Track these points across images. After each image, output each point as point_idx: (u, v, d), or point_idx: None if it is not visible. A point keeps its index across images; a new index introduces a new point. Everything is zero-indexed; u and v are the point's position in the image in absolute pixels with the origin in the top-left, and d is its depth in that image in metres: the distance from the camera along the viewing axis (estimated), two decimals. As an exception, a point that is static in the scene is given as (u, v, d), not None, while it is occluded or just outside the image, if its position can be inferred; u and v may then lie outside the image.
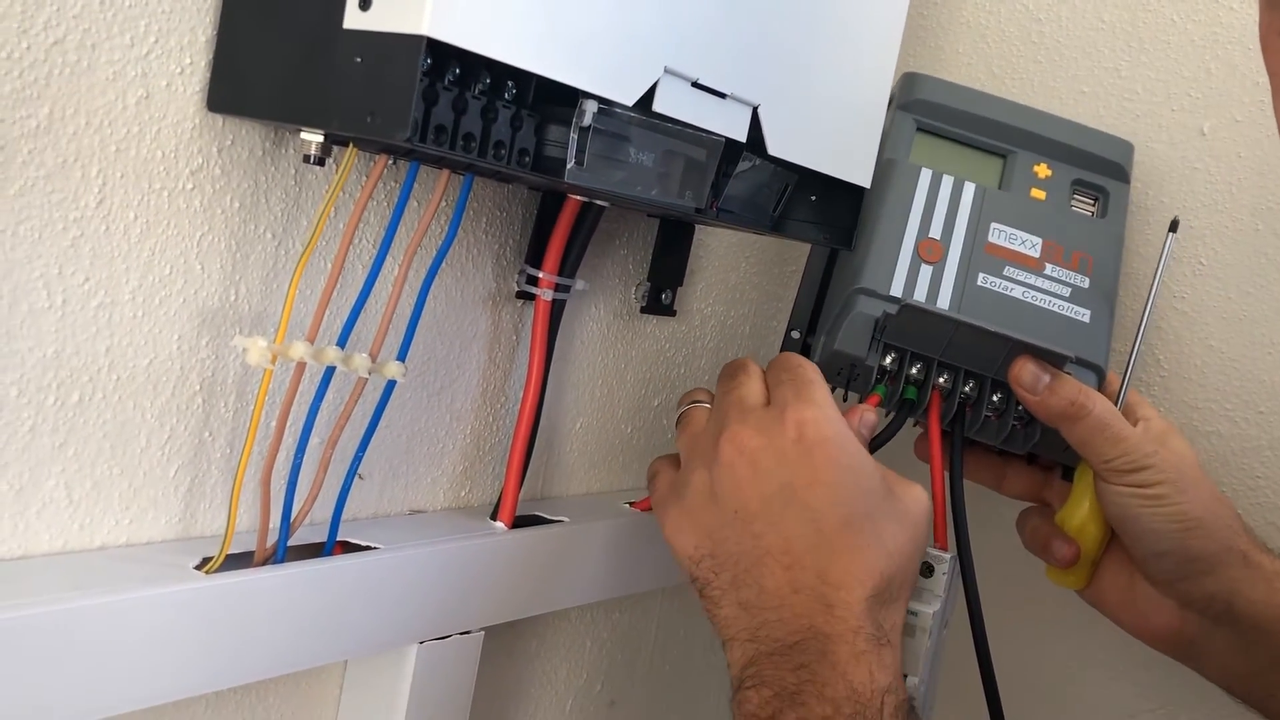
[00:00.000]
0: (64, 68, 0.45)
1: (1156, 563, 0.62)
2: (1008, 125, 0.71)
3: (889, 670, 0.50)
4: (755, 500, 0.54)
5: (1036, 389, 0.60)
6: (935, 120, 0.71)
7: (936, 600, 0.60)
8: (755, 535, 0.53)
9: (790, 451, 0.54)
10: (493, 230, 0.64)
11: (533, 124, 0.50)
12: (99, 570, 0.49)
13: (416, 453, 0.64)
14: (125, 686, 0.47)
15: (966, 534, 0.63)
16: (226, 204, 0.51)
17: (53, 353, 0.47)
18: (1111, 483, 0.61)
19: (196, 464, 0.53)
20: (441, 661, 0.61)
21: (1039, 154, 0.71)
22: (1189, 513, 0.60)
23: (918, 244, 0.66)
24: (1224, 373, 0.75)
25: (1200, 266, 0.76)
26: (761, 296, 0.86)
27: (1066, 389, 0.60)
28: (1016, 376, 0.61)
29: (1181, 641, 0.64)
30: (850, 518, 0.53)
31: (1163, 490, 0.60)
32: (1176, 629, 0.64)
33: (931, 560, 0.60)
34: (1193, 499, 0.60)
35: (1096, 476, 0.62)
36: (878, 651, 0.50)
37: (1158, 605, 0.64)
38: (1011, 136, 0.71)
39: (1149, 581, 0.64)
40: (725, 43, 0.55)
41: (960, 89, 0.72)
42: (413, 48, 0.42)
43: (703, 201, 0.58)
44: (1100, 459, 0.60)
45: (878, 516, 0.54)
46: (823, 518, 0.53)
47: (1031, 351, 0.61)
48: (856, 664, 0.49)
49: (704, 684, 0.91)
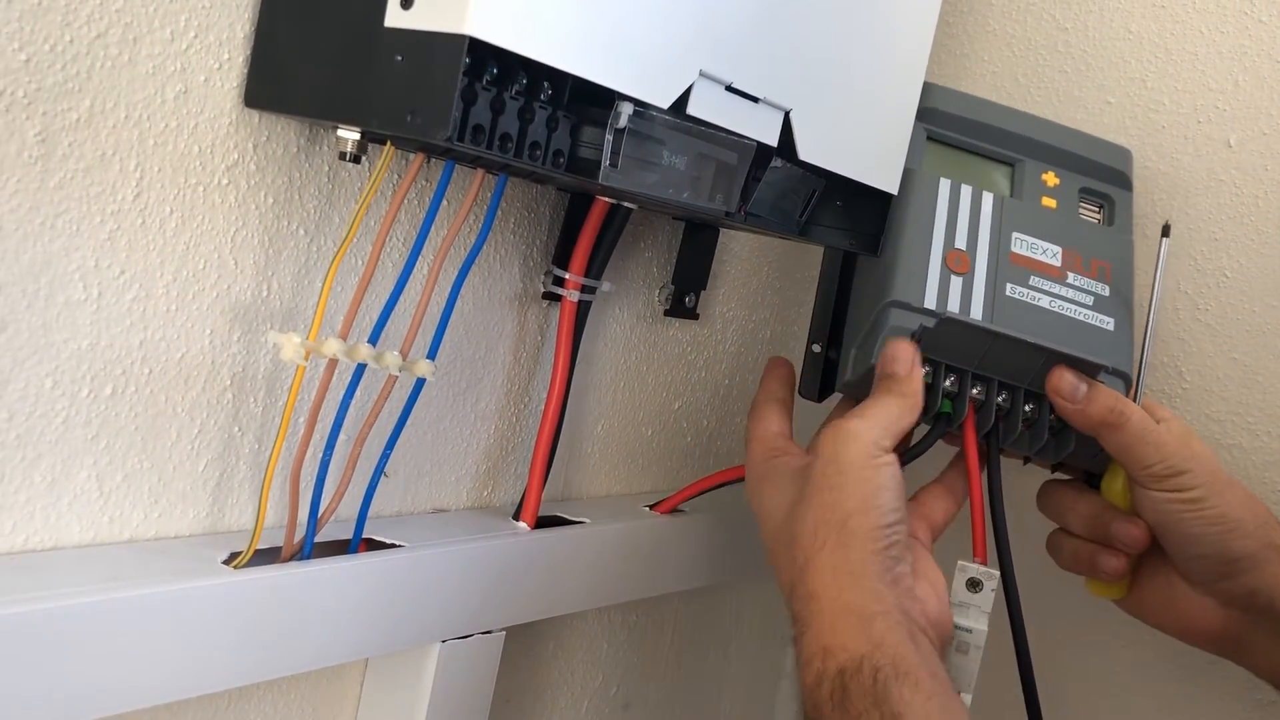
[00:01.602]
0: (105, 61, 0.45)
1: (1197, 565, 0.62)
2: (1014, 133, 0.71)
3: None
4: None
5: (1076, 398, 0.60)
6: (945, 129, 0.70)
7: (984, 617, 0.59)
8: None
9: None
10: (520, 231, 0.64)
11: (568, 125, 0.50)
12: (128, 563, 0.49)
13: (441, 451, 0.64)
14: (151, 680, 0.47)
15: (1008, 547, 0.62)
16: (261, 200, 0.52)
17: (87, 345, 0.47)
18: (1151, 489, 0.60)
19: (225, 458, 0.54)
20: (463, 661, 0.61)
21: (1045, 162, 0.71)
22: (1228, 514, 0.60)
23: (945, 255, 0.66)
24: (1247, 386, 0.75)
25: (1225, 279, 0.76)
26: (782, 301, 0.86)
27: (1104, 397, 0.60)
28: (1056, 387, 0.61)
29: (1227, 639, 0.63)
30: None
31: (1201, 493, 0.60)
32: (1220, 628, 0.63)
33: (980, 576, 0.60)
34: (1229, 500, 0.60)
35: (1135, 484, 0.62)
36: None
37: (1200, 606, 0.63)
38: (1018, 145, 0.71)
39: (1189, 584, 0.63)
40: (759, 47, 0.55)
41: (968, 97, 0.72)
42: (455, 47, 0.42)
43: (733, 205, 0.58)
44: (1140, 466, 0.60)
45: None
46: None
47: (1068, 362, 0.61)
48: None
49: (718, 688, 0.91)
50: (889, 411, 0.58)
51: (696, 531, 0.76)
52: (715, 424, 0.84)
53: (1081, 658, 0.81)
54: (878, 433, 0.56)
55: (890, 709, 0.47)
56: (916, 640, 0.51)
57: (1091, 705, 0.81)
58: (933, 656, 0.51)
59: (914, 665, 0.49)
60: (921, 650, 0.51)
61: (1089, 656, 0.81)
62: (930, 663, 0.50)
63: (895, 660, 0.49)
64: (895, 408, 0.58)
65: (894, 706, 0.47)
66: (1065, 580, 0.68)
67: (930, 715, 0.47)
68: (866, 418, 0.57)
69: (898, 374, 0.60)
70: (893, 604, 0.52)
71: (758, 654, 0.94)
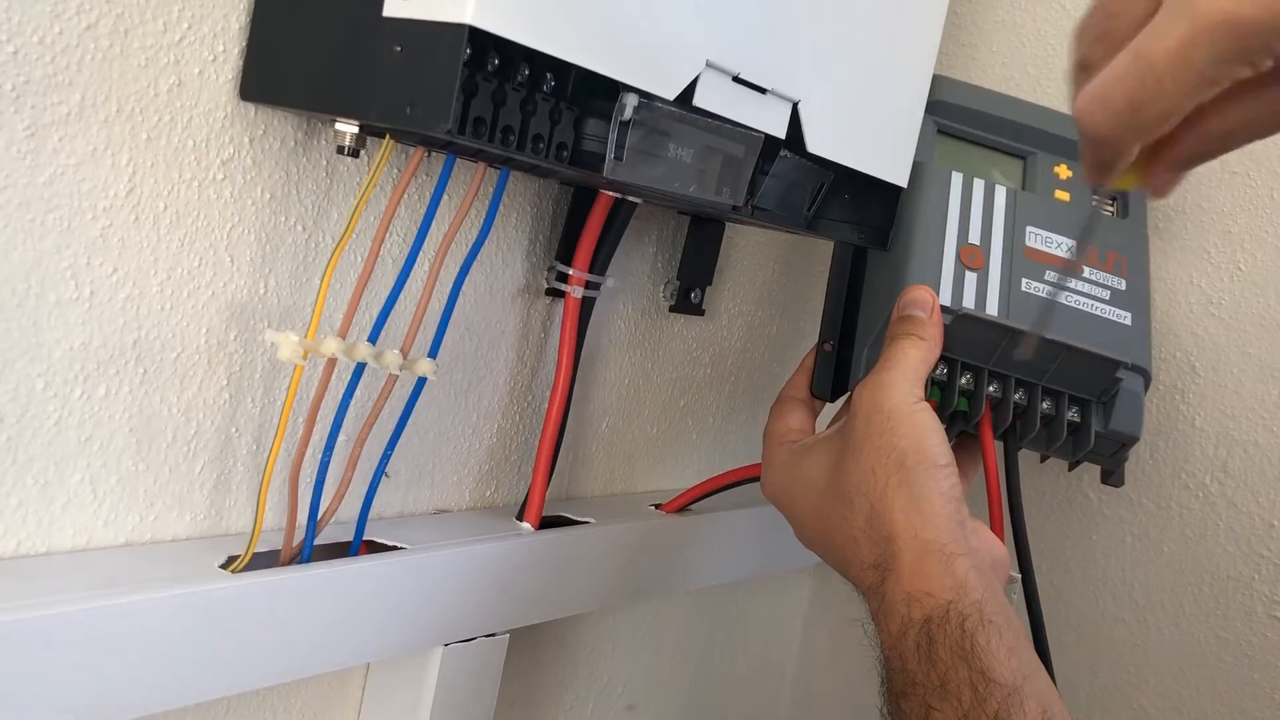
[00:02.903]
0: (96, 53, 0.44)
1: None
2: (1025, 125, 0.70)
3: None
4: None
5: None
6: (955, 122, 0.69)
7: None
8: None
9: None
10: (523, 226, 0.63)
11: (572, 118, 0.49)
12: (123, 568, 0.47)
13: (443, 451, 0.63)
14: (148, 688, 0.46)
15: (1028, 549, 0.61)
16: (257, 195, 0.50)
17: (80, 345, 0.46)
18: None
19: (223, 460, 0.52)
20: (467, 664, 0.60)
21: (1058, 154, 0.70)
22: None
23: (959, 250, 0.64)
24: (1262, 380, 0.74)
25: (1239, 272, 0.75)
26: (789, 297, 0.85)
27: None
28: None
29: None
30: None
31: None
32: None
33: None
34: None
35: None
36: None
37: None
38: (1030, 137, 0.70)
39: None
40: (767, 38, 0.54)
41: (978, 89, 0.71)
42: (455, 37, 0.41)
43: (740, 199, 0.57)
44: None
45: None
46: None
47: (1085, 357, 0.60)
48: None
49: (722, 689, 0.90)
50: (913, 357, 0.57)
51: (703, 532, 0.75)
52: (722, 421, 0.83)
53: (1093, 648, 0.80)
54: (911, 381, 0.56)
55: (978, 664, 0.46)
56: (989, 583, 0.50)
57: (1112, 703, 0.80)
58: (1005, 600, 0.50)
59: (994, 611, 0.48)
60: (998, 595, 0.50)
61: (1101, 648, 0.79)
62: (1006, 608, 0.49)
63: (980, 605, 0.48)
64: (918, 352, 0.57)
65: (981, 660, 0.46)
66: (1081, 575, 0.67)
67: (1013, 670, 0.46)
68: (895, 367, 0.56)
69: (917, 317, 0.59)
70: (966, 544, 0.51)
71: (764, 655, 0.93)
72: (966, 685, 0.46)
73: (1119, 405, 0.62)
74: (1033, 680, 0.46)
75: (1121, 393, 0.62)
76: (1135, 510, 0.78)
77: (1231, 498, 0.75)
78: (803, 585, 0.95)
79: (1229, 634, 0.75)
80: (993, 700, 0.45)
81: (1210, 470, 0.76)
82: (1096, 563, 0.80)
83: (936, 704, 0.46)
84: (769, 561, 0.82)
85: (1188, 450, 0.76)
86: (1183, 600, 0.77)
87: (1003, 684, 0.45)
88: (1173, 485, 0.77)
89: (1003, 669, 0.46)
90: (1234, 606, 0.75)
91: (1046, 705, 0.46)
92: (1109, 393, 0.62)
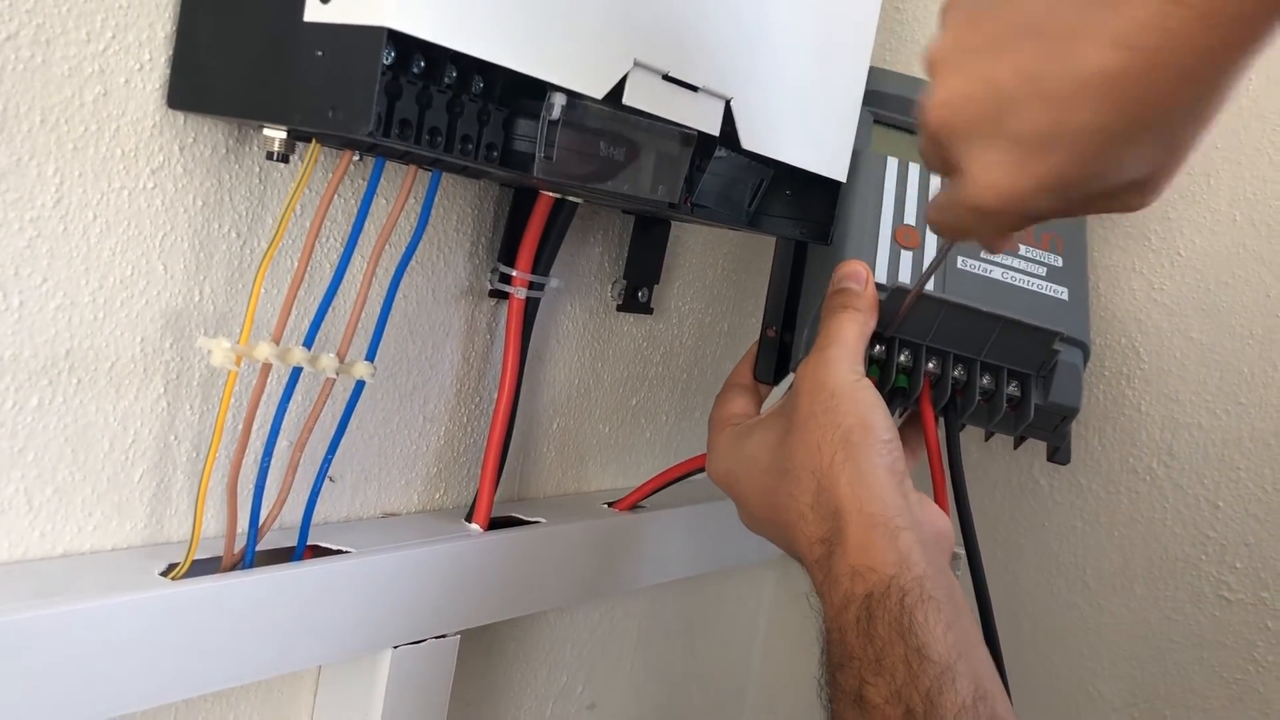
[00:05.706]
0: (17, 64, 0.44)
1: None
2: None
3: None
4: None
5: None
6: (889, 110, 0.70)
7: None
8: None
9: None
10: (464, 228, 0.63)
11: (501, 118, 0.49)
12: (61, 579, 0.47)
13: (389, 455, 0.63)
14: (90, 697, 0.46)
15: (973, 526, 0.62)
16: (189, 203, 0.50)
17: (10, 356, 0.46)
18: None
19: (162, 468, 0.52)
20: (416, 666, 0.60)
21: None
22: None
23: (895, 231, 0.65)
24: (1204, 364, 0.75)
25: (1178, 257, 0.76)
26: (739, 294, 0.86)
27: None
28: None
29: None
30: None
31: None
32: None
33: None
34: None
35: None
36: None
37: None
38: None
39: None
40: (696, 35, 0.54)
41: (909, 79, 0.72)
42: (374, 40, 0.41)
43: (676, 196, 0.57)
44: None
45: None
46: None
47: (1021, 329, 0.61)
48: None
49: (685, 685, 0.90)
50: (851, 332, 0.58)
51: (657, 528, 0.76)
52: (674, 419, 0.83)
53: (1047, 634, 0.81)
54: (852, 358, 0.57)
55: (914, 640, 0.46)
56: (933, 558, 0.50)
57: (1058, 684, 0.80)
58: (948, 574, 0.51)
59: (935, 586, 0.48)
60: (941, 569, 0.50)
61: (1055, 633, 0.80)
62: (949, 583, 0.50)
63: (921, 581, 0.48)
64: (854, 324, 0.58)
65: (918, 637, 0.47)
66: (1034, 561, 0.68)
67: (949, 646, 0.47)
68: (836, 344, 0.57)
69: (852, 289, 0.59)
70: (910, 518, 0.51)
71: (723, 649, 0.93)
72: (901, 662, 0.46)
73: (1057, 378, 0.63)
74: (969, 657, 0.47)
75: (1060, 365, 0.63)
76: (1085, 495, 0.79)
77: (1178, 480, 0.76)
78: (765, 580, 0.95)
79: (1178, 615, 0.76)
80: (925, 677, 0.46)
81: (1156, 454, 0.77)
82: (1049, 548, 0.81)
83: (871, 679, 0.46)
84: (726, 556, 0.83)
85: (1134, 435, 0.77)
86: (1133, 583, 0.78)
87: (937, 661, 0.46)
88: (1120, 470, 0.78)
89: (939, 646, 0.46)
90: (1183, 588, 0.76)
91: (980, 682, 0.46)
92: (1047, 365, 0.63)
